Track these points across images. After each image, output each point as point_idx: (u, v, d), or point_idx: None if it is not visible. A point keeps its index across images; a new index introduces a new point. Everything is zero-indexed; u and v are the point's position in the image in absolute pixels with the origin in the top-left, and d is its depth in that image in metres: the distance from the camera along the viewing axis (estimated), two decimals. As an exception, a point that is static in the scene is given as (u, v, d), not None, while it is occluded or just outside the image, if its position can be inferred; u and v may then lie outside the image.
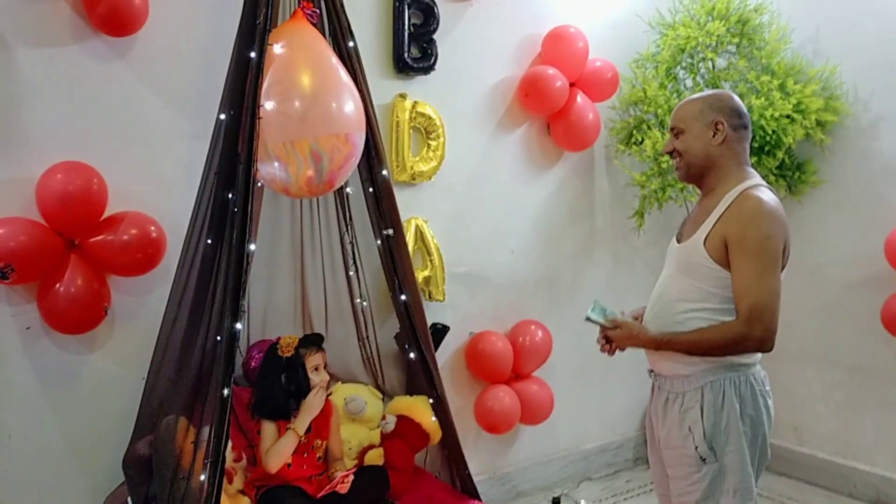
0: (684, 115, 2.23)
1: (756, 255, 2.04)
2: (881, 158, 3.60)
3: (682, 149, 2.22)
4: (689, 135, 2.20)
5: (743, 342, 2.06)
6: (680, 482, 2.18)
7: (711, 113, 2.18)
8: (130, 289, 2.80)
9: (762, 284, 2.04)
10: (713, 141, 2.17)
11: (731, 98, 2.23)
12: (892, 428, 3.61)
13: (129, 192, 2.72)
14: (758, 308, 2.03)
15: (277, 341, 2.75)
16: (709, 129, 2.17)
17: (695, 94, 2.30)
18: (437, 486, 2.88)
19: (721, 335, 2.08)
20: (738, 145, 2.20)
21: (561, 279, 3.92)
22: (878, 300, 3.46)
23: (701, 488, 2.13)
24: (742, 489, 2.12)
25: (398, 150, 3.31)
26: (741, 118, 2.21)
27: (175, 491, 2.35)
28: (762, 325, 2.04)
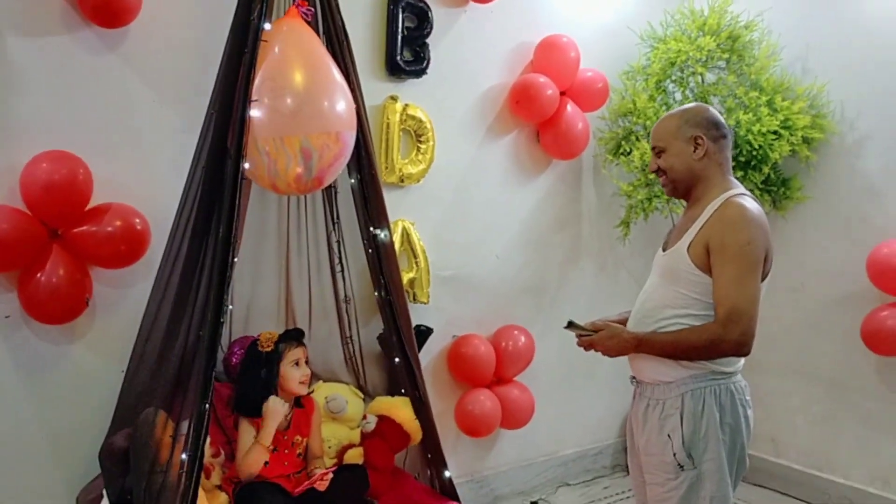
0: (663, 133, 2.26)
1: (736, 261, 2.07)
2: (865, 177, 3.64)
3: (665, 167, 2.25)
4: (671, 153, 2.23)
5: (719, 345, 2.07)
6: (657, 489, 2.19)
7: (689, 129, 2.20)
8: (113, 281, 2.78)
9: (741, 289, 2.06)
10: (694, 156, 2.20)
11: (706, 110, 2.26)
12: (868, 442, 3.65)
13: (115, 184, 2.71)
14: (736, 312, 2.05)
15: (258, 337, 2.75)
16: (689, 144, 2.20)
17: (671, 111, 2.32)
18: (416, 488, 2.88)
19: (699, 336, 2.09)
20: (720, 155, 2.23)
21: (546, 286, 3.93)
22: (858, 316, 3.50)
23: (678, 495, 2.14)
24: (719, 496, 2.13)
25: (387, 151, 3.32)
26: (719, 129, 2.23)
27: (152, 484, 2.33)
28: (739, 329, 2.05)
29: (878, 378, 3.60)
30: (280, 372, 2.68)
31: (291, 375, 2.69)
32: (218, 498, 2.56)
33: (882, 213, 3.56)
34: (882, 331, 3.40)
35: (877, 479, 3.62)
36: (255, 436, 2.64)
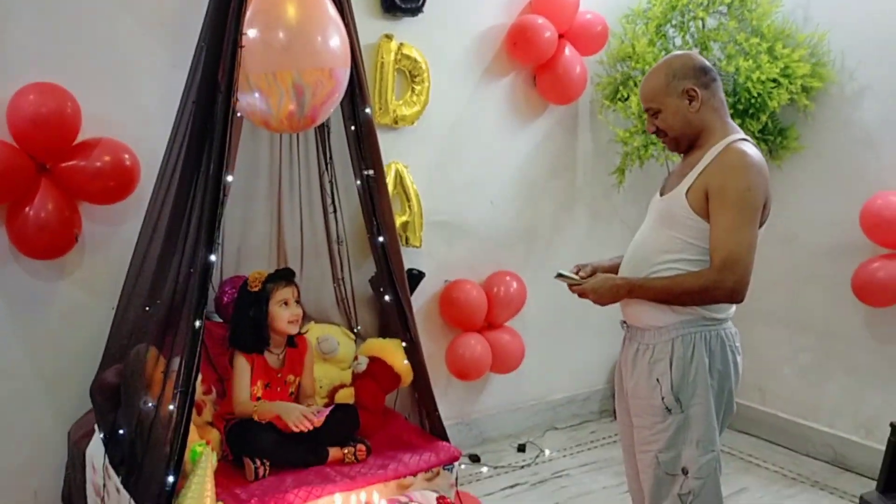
0: (654, 93, 2.18)
1: (735, 207, 2.05)
2: (863, 128, 3.61)
3: (664, 127, 2.19)
4: (667, 112, 2.16)
5: (713, 291, 2.07)
6: (644, 431, 2.21)
7: (679, 82, 2.13)
8: (102, 217, 2.76)
9: (738, 236, 2.04)
10: (691, 108, 2.14)
11: (690, 58, 2.18)
12: (853, 392, 3.70)
13: (104, 119, 2.67)
14: (731, 258, 2.04)
15: (247, 280, 2.74)
16: (682, 99, 2.14)
17: (654, 67, 2.23)
18: (406, 428, 2.90)
19: (693, 282, 2.08)
20: (714, 99, 2.17)
21: (539, 232, 3.92)
22: (849, 267, 3.50)
23: (665, 438, 2.16)
24: (705, 440, 2.14)
25: (381, 92, 3.26)
26: (707, 73, 2.16)
27: (143, 419, 2.34)
28: (734, 276, 2.04)
29: (867, 329, 3.63)
30: (269, 312, 2.67)
31: (280, 315, 2.69)
32: (210, 433, 2.58)
33: (877, 164, 3.54)
34: (873, 282, 3.41)
35: (861, 428, 3.67)
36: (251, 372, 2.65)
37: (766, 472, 3.69)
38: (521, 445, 3.83)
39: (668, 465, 2.16)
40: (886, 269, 3.36)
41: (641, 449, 2.23)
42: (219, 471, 2.45)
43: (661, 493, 2.19)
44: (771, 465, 3.76)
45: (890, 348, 3.55)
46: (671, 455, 2.16)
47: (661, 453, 2.17)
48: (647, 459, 2.21)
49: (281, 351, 2.75)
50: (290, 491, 2.40)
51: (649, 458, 2.20)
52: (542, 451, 3.80)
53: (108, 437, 2.50)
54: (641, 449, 2.23)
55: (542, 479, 3.54)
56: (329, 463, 2.61)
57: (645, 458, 2.21)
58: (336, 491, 2.42)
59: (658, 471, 2.18)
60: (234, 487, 2.44)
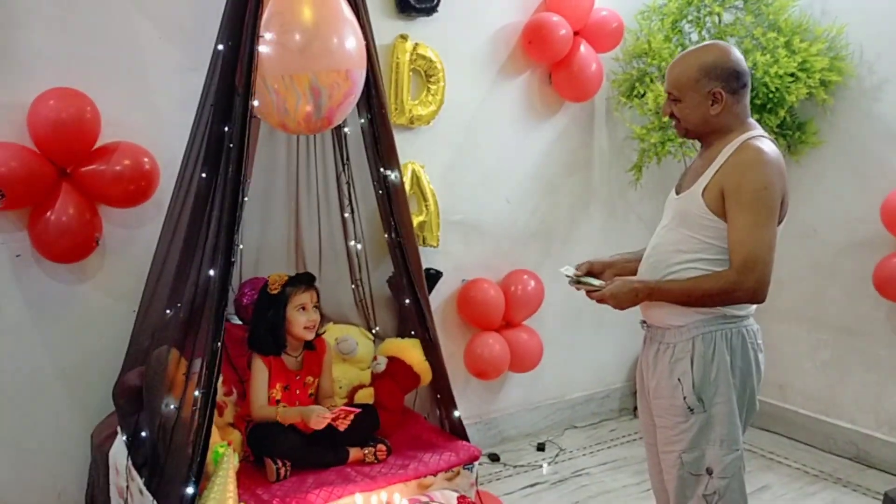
0: (680, 82, 2.11)
1: (752, 206, 2.01)
2: (882, 121, 3.57)
3: (680, 116, 2.15)
4: (686, 104, 2.11)
5: (734, 292, 2.04)
6: (667, 431, 2.19)
7: (709, 82, 2.07)
8: (122, 220, 2.78)
9: (757, 235, 2.01)
10: (712, 110, 2.09)
11: (728, 57, 2.10)
12: (874, 388, 3.66)
13: (123, 123, 2.69)
14: (751, 259, 2.00)
15: (269, 278, 2.75)
16: (706, 98, 2.08)
17: (689, 52, 2.16)
18: (425, 427, 2.91)
19: (713, 284, 2.05)
20: (738, 106, 2.11)
21: (556, 230, 3.91)
22: (870, 263, 3.47)
23: (688, 438, 2.13)
24: (728, 440, 2.12)
25: (397, 92, 3.27)
26: (739, 78, 2.09)
27: (165, 421, 2.36)
28: (755, 276, 2.01)
29: (888, 324, 3.59)
30: (286, 316, 2.68)
31: (297, 320, 2.68)
32: (231, 435, 2.59)
33: (898, 158, 3.51)
34: (895, 277, 3.38)
35: (883, 425, 3.64)
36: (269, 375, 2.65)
37: (787, 470, 3.66)
38: (540, 444, 3.82)
39: (691, 465, 2.14)
40: (908, 264, 3.33)
41: (665, 449, 2.21)
42: (241, 472, 2.46)
43: (686, 494, 2.17)
44: (793, 462, 3.73)
45: (913, 344, 3.52)
46: (695, 455, 2.13)
47: (684, 453, 2.14)
48: (670, 460, 2.19)
49: (299, 353, 2.76)
50: (311, 491, 2.41)
51: (673, 459, 2.18)
52: (561, 449, 3.80)
53: (130, 439, 2.52)
54: (665, 449, 2.21)
55: (562, 479, 3.53)
56: (349, 463, 2.62)
57: (668, 458, 2.20)
58: (357, 491, 2.42)
59: (682, 471, 2.15)
60: (255, 488, 2.45)
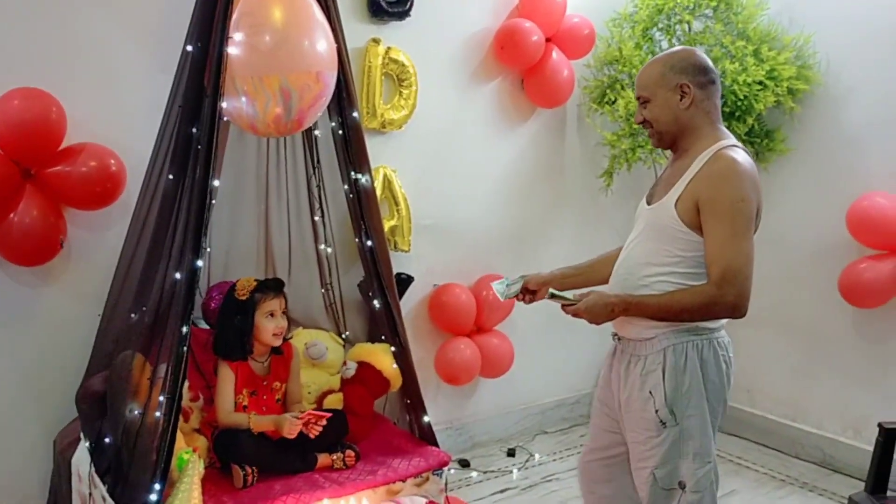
0: (647, 81, 2.11)
1: (729, 218, 1.97)
2: (849, 130, 3.63)
3: (651, 118, 2.11)
4: (656, 103, 2.09)
5: (714, 307, 1.99)
6: (639, 447, 2.12)
7: (674, 76, 2.06)
8: (88, 223, 2.73)
9: (735, 247, 1.96)
10: (681, 105, 2.06)
11: (692, 54, 2.11)
12: (842, 393, 3.71)
13: (89, 124, 2.65)
14: (730, 272, 1.96)
15: (236, 283, 2.72)
16: (674, 93, 2.06)
17: (655, 57, 2.17)
18: (395, 433, 2.89)
19: (692, 299, 2.00)
20: (708, 102, 2.08)
21: (527, 235, 3.92)
22: (836, 269, 3.52)
23: (660, 453, 2.07)
24: (701, 452, 2.07)
25: (369, 96, 3.26)
26: (706, 73, 2.08)
27: (129, 427, 2.32)
28: (734, 290, 1.97)
29: (854, 330, 3.64)
30: (254, 322, 2.65)
31: (265, 327, 2.66)
32: (196, 441, 2.56)
33: (863, 166, 3.56)
34: (860, 283, 3.43)
35: (849, 429, 3.68)
36: (236, 381, 2.62)
37: (755, 475, 3.69)
38: (510, 450, 3.82)
39: (664, 480, 2.07)
40: (873, 270, 3.38)
41: (637, 466, 2.14)
42: (206, 478, 2.43)
43: None
44: (760, 467, 3.77)
45: (877, 349, 3.57)
46: (667, 470, 2.07)
47: (657, 469, 2.08)
48: (642, 476, 2.12)
49: (266, 359, 2.73)
50: (278, 498, 2.38)
51: (645, 475, 2.11)
52: (531, 455, 3.80)
53: (94, 446, 2.48)
54: (637, 466, 2.14)
55: (531, 484, 3.53)
56: (318, 469, 2.60)
57: (641, 474, 2.13)
58: (325, 497, 2.40)
59: (655, 487, 2.09)
60: (221, 495, 2.42)
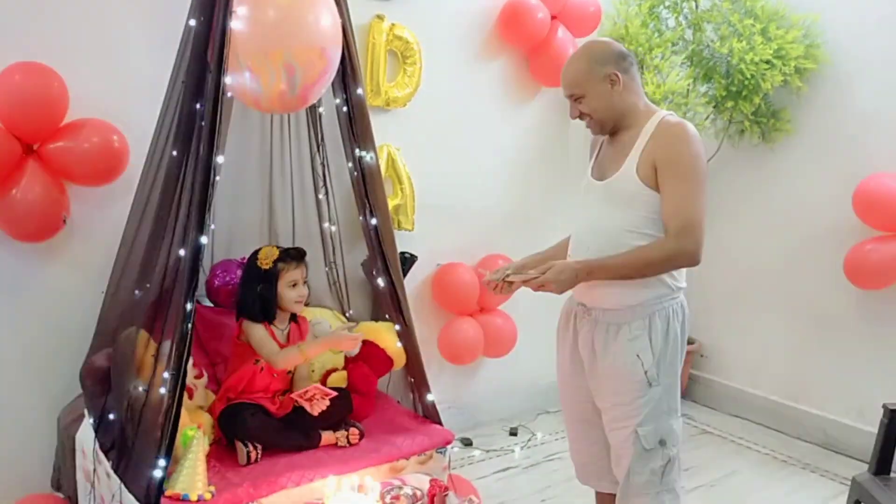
0: (577, 80, 2.22)
1: (685, 175, 2.12)
2: (856, 110, 3.60)
3: (589, 111, 2.24)
4: (591, 96, 2.21)
5: (676, 258, 2.15)
6: (623, 408, 2.24)
7: (601, 67, 2.18)
8: (91, 199, 2.72)
9: (692, 202, 2.12)
10: (613, 92, 2.20)
11: (609, 44, 2.25)
12: (845, 375, 3.71)
13: (92, 99, 2.63)
14: (689, 224, 2.11)
15: (259, 251, 2.69)
16: (605, 83, 2.19)
17: (573, 55, 2.28)
18: (398, 411, 2.89)
19: (654, 253, 2.14)
20: (634, 83, 2.23)
21: (531, 215, 3.90)
22: (842, 250, 3.51)
23: (645, 411, 2.21)
24: (676, 407, 2.27)
25: (373, 73, 3.23)
26: (626, 58, 2.23)
27: (134, 403, 2.32)
28: (693, 240, 2.11)
29: (858, 312, 3.64)
30: (277, 291, 2.64)
31: (288, 296, 2.66)
32: (201, 417, 2.55)
33: (870, 146, 3.54)
34: (865, 265, 3.42)
35: (851, 411, 3.69)
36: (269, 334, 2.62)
37: (756, 455, 3.70)
38: (513, 429, 3.83)
39: (646, 439, 2.22)
40: (879, 252, 3.37)
41: (618, 425, 2.26)
42: (211, 455, 2.43)
43: (638, 469, 2.24)
44: (762, 447, 3.78)
45: (882, 330, 3.56)
46: (650, 428, 2.21)
47: (640, 427, 2.21)
48: (623, 434, 2.25)
49: (286, 326, 2.72)
50: (282, 474, 2.38)
51: (626, 433, 2.23)
52: (533, 434, 3.80)
53: (98, 422, 2.47)
54: (618, 425, 2.26)
55: (533, 463, 3.54)
56: (322, 447, 2.59)
57: (621, 433, 2.25)
58: (329, 474, 2.40)
59: (637, 446, 2.22)
60: (226, 471, 2.41)
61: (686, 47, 3.73)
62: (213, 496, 2.23)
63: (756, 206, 3.99)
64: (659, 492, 2.26)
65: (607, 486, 2.44)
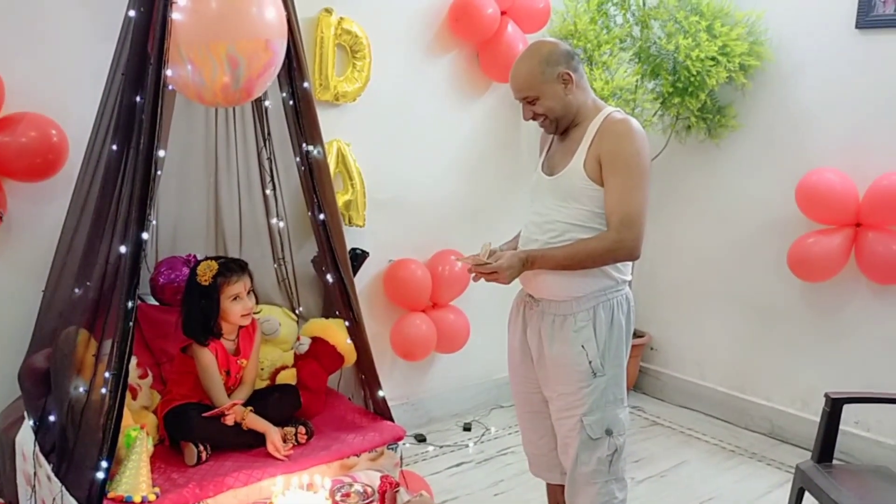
0: (530, 82, 2.23)
1: (627, 171, 2.16)
2: (799, 106, 3.68)
3: (544, 111, 2.25)
4: (545, 97, 2.23)
5: (615, 251, 2.19)
6: (568, 397, 2.28)
7: (553, 69, 2.21)
8: (29, 196, 2.65)
9: (632, 197, 2.16)
10: (566, 92, 2.23)
11: (557, 45, 2.27)
12: (790, 365, 3.79)
13: (28, 93, 2.56)
14: (629, 218, 2.15)
15: (198, 263, 2.63)
16: (558, 83, 2.21)
17: (522, 57, 2.28)
18: (349, 408, 2.87)
19: (595, 245, 2.18)
20: (583, 80, 2.28)
21: (483, 211, 3.90)
22: (786, 243, 3.58)
23: (590, 401, 2.25)
24: (622, 397, 2.31)
25: (321, 67, 3.20)
26: (574, 56, 2.25)
27: (74, 404, 2.26)
28: (632, 234, 2.16)
29: (803, 303, 3.72)
30: (220, 307, 2.58)
31: (232, 310, 2.59)
32: (146, 418, 2.51)
33: (813, 142, 3.62)
34: (808, 257, 3.50)
35: (797, 401, 3.77)
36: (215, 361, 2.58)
37: (705, 446, 3.76)
38: (466, 425, 3.83)
39: (592, 428, 2.26)
40: (821, 245, 3.45)
41: (564, 415, 2.31)
42: (156, 455, 2.39)
43: (585, 458, 2.28)
44: (710, 438, 3.84)
45: (825, 321, 3.65)
46: (596, 417, 2.25)
47: (585, 416, 2.25)
48: (569, 424, 2.29)
49: (234, 336, 2.67)
50: (229, 474, 2.34)
51: (572, 423, 2.28)
52: (487, 429, 3.81)
53: (37, 424, 2.41)
54: (564, 415, 2.31)
55: (487, 457, 3.55)
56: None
57: (567, 423, 2.29)
58: (278, 473, 2.37)
59: (583, 435, 2.26)
60: (171, 472, 2.38)
61: (634, 44, 3.76)
62: (158, 497, 2.19)
63: (703, 200, 4.05)
64: (607, 480, 2.29)
65: (558, 478, 2.46)
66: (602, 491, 2.29)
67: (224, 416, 2.49)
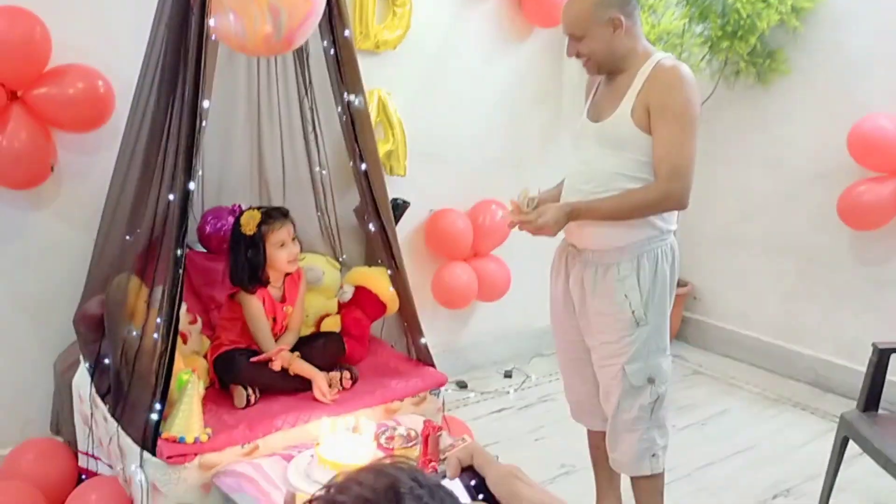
0: (578, 21, 2.19)
1: (677, 120, 2.13)
2: (852, 51, 3.55)
3: (587, 52, 2.22)
4: (591, 38, 2.19)
5: (665, 201, 2.18)
6: (610, 346, 2.29)
7: (605, 11, 2.15)
8: (78, 147, 2.70)
9: (682, 147, 2.14)
10: (615, 36, 2.17)
11: None
12: (835, 315, 3.74)
13: (75, 45, 2.58)
14: (678, 169, 2.13)
15: (241, 215, 2.66)
16: (608, 27, 2.16)
17: None
18: (392, 355, 2.91)
19: (643, 196, 2.17)
20: (635, 27, 2.22)
21: (524, 160, 3.87)
22: (835, 191, 3.50)
23: (632, 350, 2.26)
24: (665, 346, 2.31)
25: (362, 15, 3.17)
26: (630, 2, 2.20)
27: (128, 349, 2.34)
28: (682, 185, 2.14)
29: (850, 253, 3.65)
30: (266, 254, 2.63)
31: (278, 257, 2.63)
32: (196, 362, 2.58)
33: (866, 87, 3.50)
34: (859, 205, 3.42)
35: (842, 351, 3.72)
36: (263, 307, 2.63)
37: (747, 394, 3.75)
38: (507, 372, 3.87)
39: (634, 376, 2.27)
40: (873, 192, 3.37)
41: (606, 363, 2.32)
42: (207, 398, 2.46)
43: (627, 406, 2.30)
44: (753, 386, 3.83)
45: (873, 270, 3.58)
46: (638, 366, 2.27)
47: (627, 365, 2.26)
48: (612, 372, 2.30)
49: (280, 284, 2.72)
50: (277, 416, 2.41)
51: (614, 371, 2.29)
52: (528, 376, 3.85)
53: (93, 367, 2.50)
54: (606, 363, 2.32)
55: (528, 404, 3.59)
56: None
57: (609, 371, 2.31)
58: (323, 415, 2.43)
59: (625, 383, 2.28)
60: (222, 414, 2.45)
61: (681, -14, 3.66)
62: (210, 437, 2.27)
63: (750, 147, 3.96)
64: (649, 427, 2.31)
65: (599, 424, 2.49)
66: (643, 437, 2.32)
67: (271, 361, 2.55)
